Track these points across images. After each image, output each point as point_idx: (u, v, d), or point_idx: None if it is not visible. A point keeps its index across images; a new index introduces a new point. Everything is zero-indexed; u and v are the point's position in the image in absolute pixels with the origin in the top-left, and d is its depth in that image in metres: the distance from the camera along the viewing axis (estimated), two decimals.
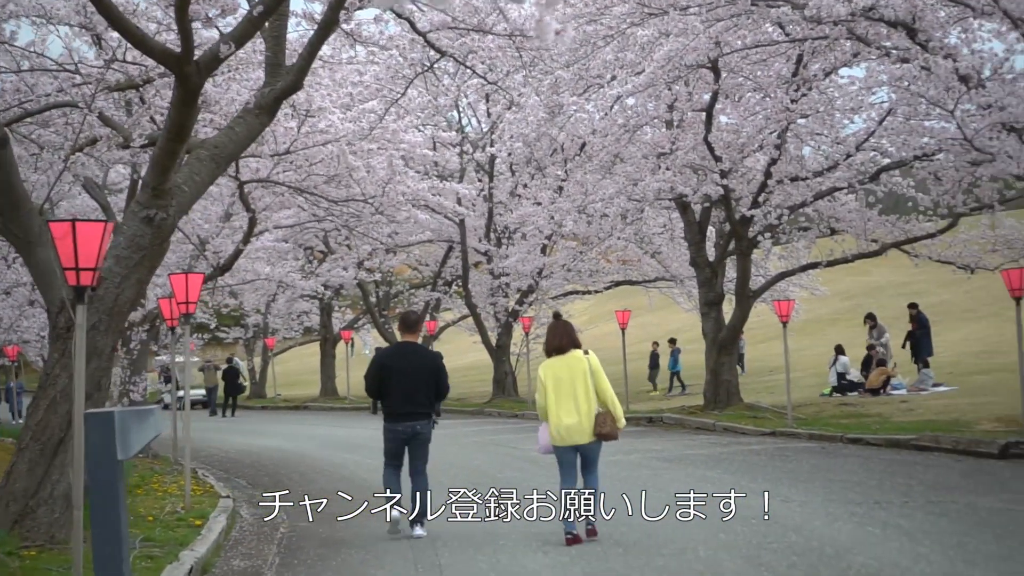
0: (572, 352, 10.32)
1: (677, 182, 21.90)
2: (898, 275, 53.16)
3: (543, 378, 10.29)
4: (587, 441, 10.19)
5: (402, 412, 11.01)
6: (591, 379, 10.18)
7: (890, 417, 21.05)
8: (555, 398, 10.14)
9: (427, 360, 11.35)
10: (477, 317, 35.31)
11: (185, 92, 9.51)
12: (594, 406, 10.14)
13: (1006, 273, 17.07)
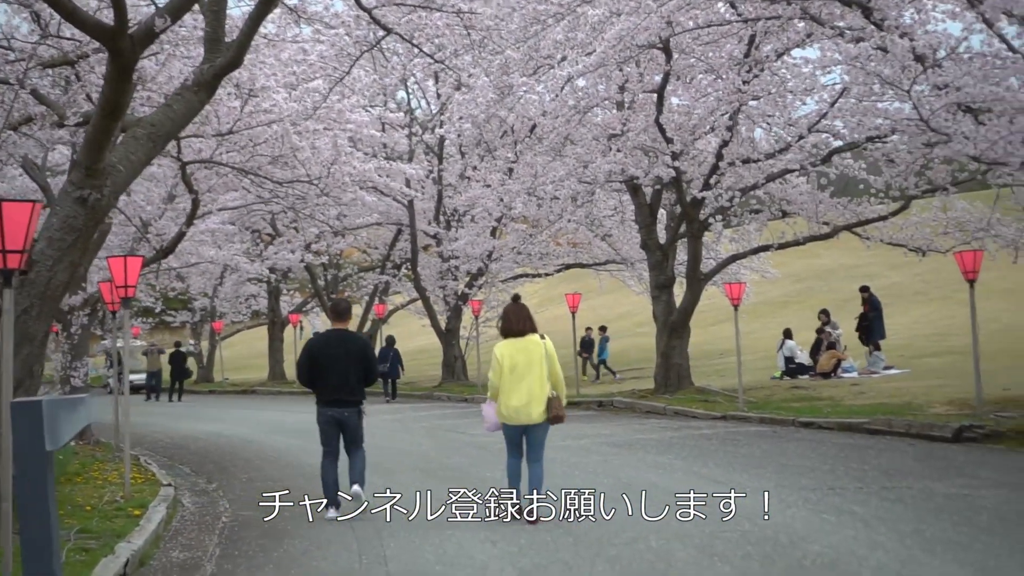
0: (530, 336, 10.52)
1: (628, 164, 21.65)
2: (849, 258, 53.32)
3: (500, 358, 10.44)
4: (538, 423, 10.42)
5: (333, 398, 11.38)
6: (546, 364, 10.40)
7: (842, 400, 20.95)
8: (510, 379, 10.35)
9: (356, 347, 11.65)
10: (426, 300, 34.98)
11: (119, 67, 9.14)
12: (547, 390, 10.39)
13: (959, 255, 16.95)
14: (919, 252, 24.91)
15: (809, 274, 54.26)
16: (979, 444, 14.70)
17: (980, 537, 8.63)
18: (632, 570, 8.17)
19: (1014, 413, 16.53)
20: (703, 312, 42.44)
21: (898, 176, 21.21)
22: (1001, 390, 19.47)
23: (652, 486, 11.89)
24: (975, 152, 14.05)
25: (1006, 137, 13.46)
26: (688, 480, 12.25)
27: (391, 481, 13.57)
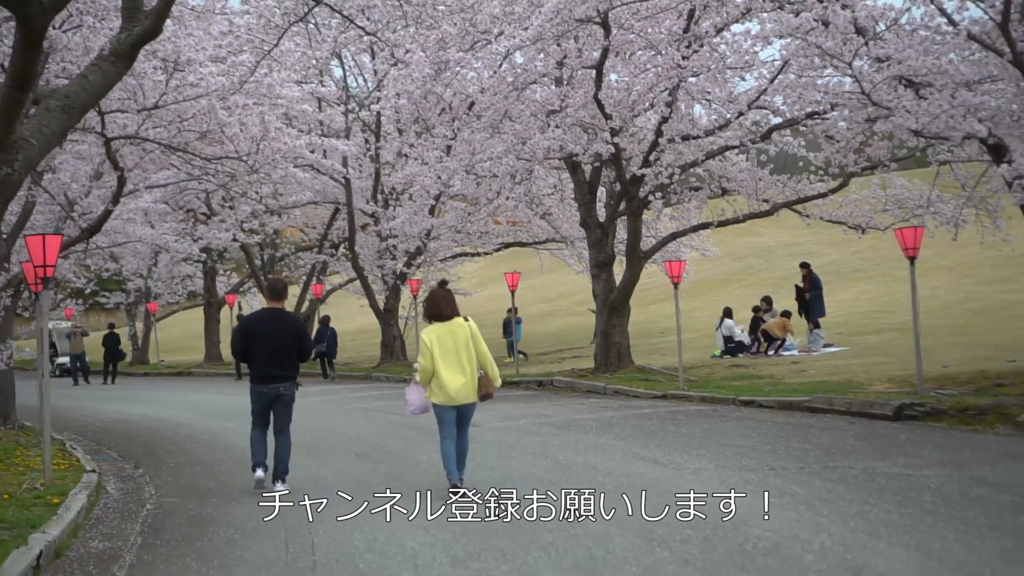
0: (455, 319, 10.90)
1: (567, 140, 21.33)
2: (788, 236, 53.56)
3: (428, 342, 10.78)
4: (470, 402, 10.92)
5: (267, 375, 11.60)
6: (473, 345, 10.84)
7: (782, 379, 20.83)
8: (441, 362, 10.71)
9: (290, 325, 11.89)
10: (364, 280, 34.54)
11: (27, 35, 8.69)
12: (476, 369, 10.86)
13: (900, 232, 16.80)
14: (858, 230, 24.86)
15: (749, 252, 54.37)
16: (920, 422, 14.57)
17: (924, 519, 8.43)
18: (568, 557, 7.89)
19: (954, 391, 16.45)
20: (643, 290, 42.44)
21: (837, 153, 21.11)
22: (940, 367, 19.42)
23: (590, 468, 11.65)
24: (917, 126, 13.89)
25: (948, 111, 13.32)
26: (627, 461, 12.01)
27: (324, 465, 13.27)
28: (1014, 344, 22.53)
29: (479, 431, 15.67)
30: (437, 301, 11.04)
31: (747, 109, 21.40)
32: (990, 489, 9.50)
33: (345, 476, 12.28)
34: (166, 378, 40.13)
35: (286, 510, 10.20)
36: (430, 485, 11.01)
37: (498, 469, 11.97)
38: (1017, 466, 10.67)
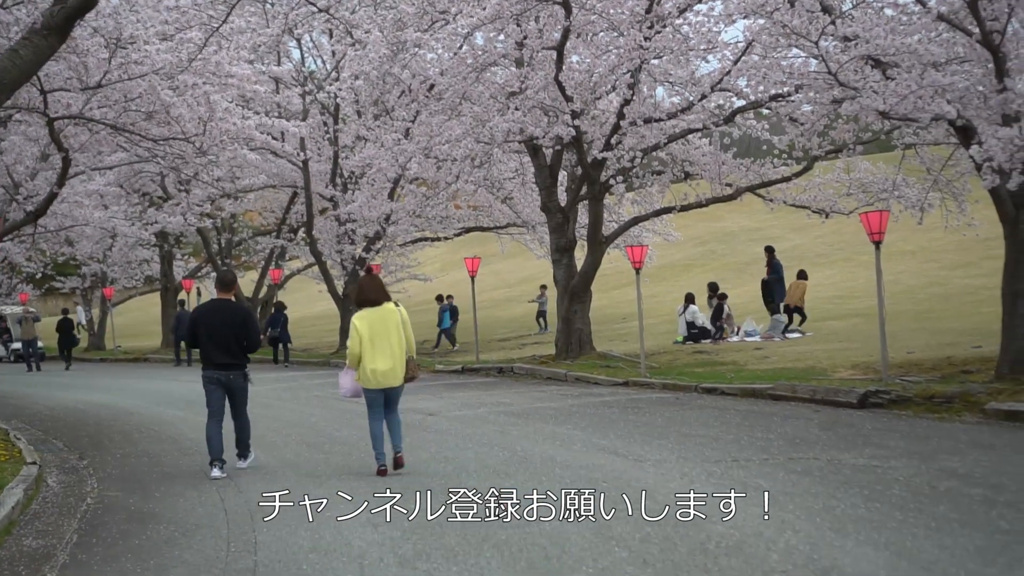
0: (385, 304, 11.25)
1: (527, 123, 20.89)
2: (751, 221, 53.37)
3: (359, 328, 11.09)
4: (398, 384, 11.29)
5: (217, 362, 11.95)
6: (402, 329, 11.22)
7: (745, 365, 20.56)
8: (370, 346, 11.08)
9: (238, 316, 12.17)
10: (323, 265, 34.04)
11: None
12: (404, 354, 11.24)
13: (865, 216, 16.49)
14: (822, 214, 24.64)
15: (712, 237, 54.15)
16: (885, 410, 14.29)
17: (893, 514, 8.09)
18: (522, 556, 7.49)
19: (919, 377, 16.20)
20: (605, 276, 42.15)
21: (802, 136, 20.80)
22: (905, 353, 19.22)
23: (548, 460, 11.27)
24: (884, 107, 13.55)
25: (916, 92, 12.98)
26: (586, 452, 11.64)
27: (275, 456, 12.85)
28: (978, 329, 22.33)
29: (436, 420, 15.38)
30: (365, 288, 11.45)
31: (710, 91, 21.06)
32: (960, 482, 9.18)
33: (296, 468, 11.85)
34: (122, 364, 39.50)
35: (231, 505, 9.82)
36: (386, 482, 10.60)
37: (453, 460, 11.56)
38: (986, 457, 10.35)
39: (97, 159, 21.40)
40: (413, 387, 21.29)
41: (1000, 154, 12.14)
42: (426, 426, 14.82)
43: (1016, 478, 9.27)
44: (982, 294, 30.36)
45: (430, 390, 20.63)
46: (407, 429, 14.09)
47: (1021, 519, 7.80)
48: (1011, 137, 12.02)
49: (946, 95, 13.30)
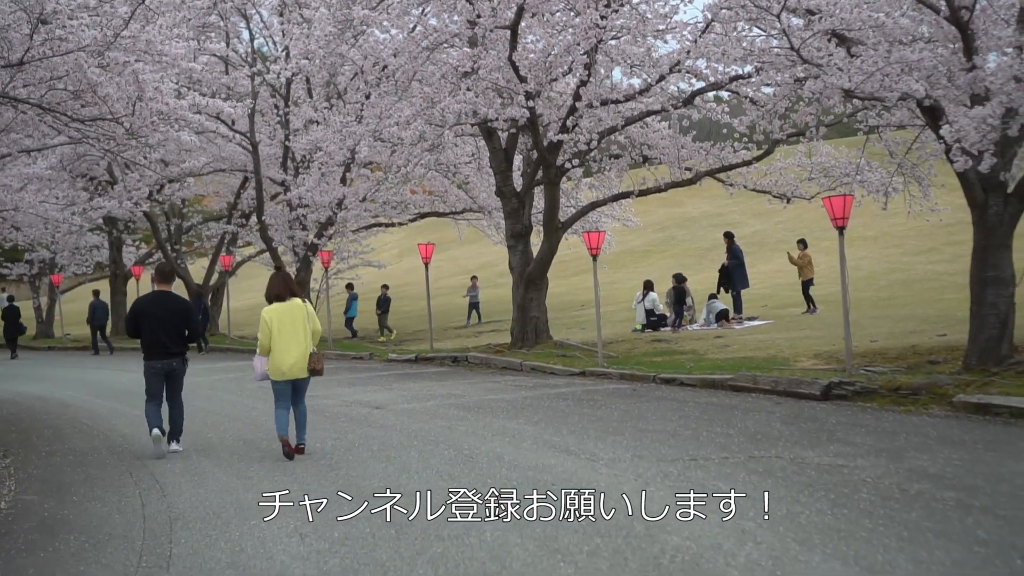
0: (292, 300, 11.87)
1: (479, 104, 20.15)
2: (712, 206, 52.99)
3: (268, 321, 11.69)
4: (304, 376, 11.88)
5: (158, 352, 12.53)
6: (308, 323, 11.83)
7: (705, 354, 20.02)
8: (279, 339, 11.67)
9: (178, 307, 12.82)
10: (273, 251, 33.26)
11: None
12: (309, 346, 11.81)
13: (828, 201, 15.91)
14: (783, 199, 24.09)
15: (672, 223, 53.70)
16: (850, 402, 13.73)
17: (862, 522, 7.48)
18: (458, 573, 6.84)
19: (884, 368, 15.71)
20: (564, 262, 41.62)
21: (763, 119, 20.25)
22: (868, 342, 18.77)
23: (496, 459, 10.62)
24: (849, 85, 12.92)
25: (883, 69, 12.38)
26: (537, 451, 10.99)
27: (208, 454, 12.17)
28: (941, 316, 21.91)
29: (383, 414, 14.77)
30: (276, 284, 12.02)
31: (668, 72, 20.43)
32: (931, 483, 8.58)
33: (228, 467, 11.17)
34: (69, 353, 38.51)
35: (151, 512, 9.14)
36: (321, 483, 9.93)
37: (395, 460, 10.89)
38: (957, 455, 9.76)
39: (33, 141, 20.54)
40: (363, 378, 20.80)
41: (972, 134, 11.55)
42: (372, 421, 14.16)
43: (990, 479, 8.68)
44: (945, 280, 30.05)
45: (381, 381, 19.99)
46: (353, 423, 13.66)
47: (999, 527, 7.19)
48: (983, 116, 11.44)
49: (914, 73, 12.70)
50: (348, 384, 19.70)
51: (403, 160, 21.52)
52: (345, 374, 22.11)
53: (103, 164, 34.45)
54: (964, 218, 15.91)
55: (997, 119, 11.57)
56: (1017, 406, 11.87)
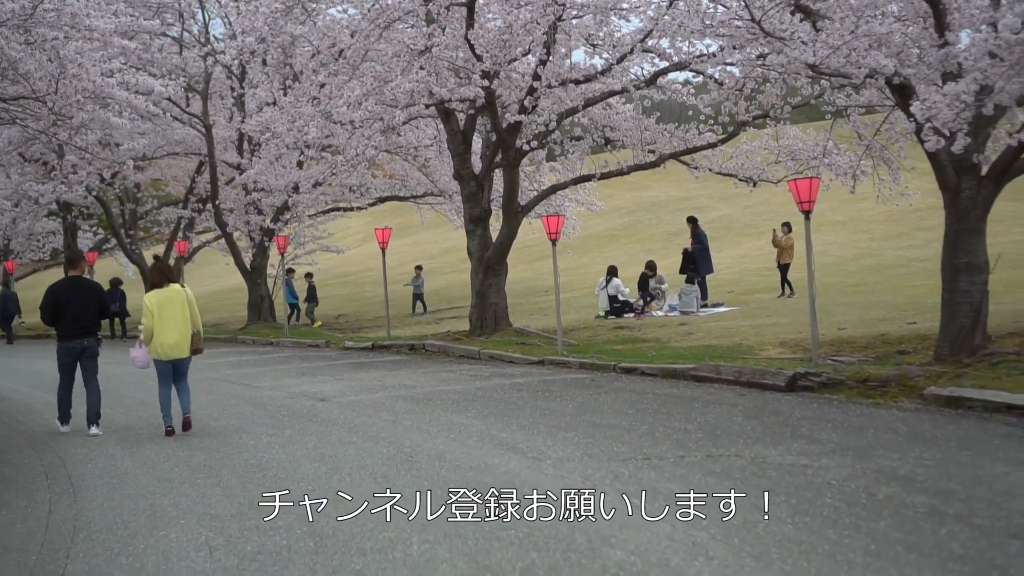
0: (172, 286, 12.79)
1: (432, 82, 19.33)
2: (678, 190, 52.44)
3: (150, 306, 12.61)
4: (184, 356, 12.83)
5: (74, 333, 13.27)
6: (187, 308, 12.79)
7: (668, 342, 19.39)
8: (160, 323, 12.58)
9: (91, 291, 13.58)
10: (228, 236, 32.41)
11: None
12: (189, 329, 12.80)
13: (793, 184, 15.23)
14: (749, 183, 23.47)
15: (638, 207, 53.08)
16: (816, 394, 13.10)
17: (825, 532, 6.79)
18: None
19: (851, 357, 15.09)
20: (529, 247, 41.02)
21: (728, 100, 19.62)
22: (836, 330, 18.20)
23: (437, 457, 9.91)
24: (814, 60, 12.23)
25: (849, 43, 11.69)
26: (481, 449, 10.29)
27: (132, 452, 11.41)
28: (911, 303, 21.37)
29: (327, 407, 14.13)
30: (155, 272, 13.03)
31: (630, 52, 19.73)
32: (901, 487, 7.92)
33: (152, 469, 10.40)
34: (22, 342, 37.52)
35: (56, 519, 8.40)
36: (245, 487, 9.21)
37: (328, 459, 10.16)
38: (929, 453, 9.10)
39: None
40: (314, 368, 20.06)
41: (945, 112, 10.87)
42: (314, 415, 13.43)
43: (965, 482, 8.01)
44: (915, 266, 29.56)
45: (332, 371, 19.28)
46: (293, 417, 13.05)
47: (976, 540, 6.51)
48: (957, 93, 10.77)
49: (883, 49, 12.02)
50: (297, 374, 18.97)
51: (356, 142, 20.67)
52: (297, 363, 21.39)
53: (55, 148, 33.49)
54: (935, 202, 15.33)
55: (971, 95, 10.90)
56: (992, 400, 11.24)
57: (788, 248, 26.53)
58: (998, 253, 14.97)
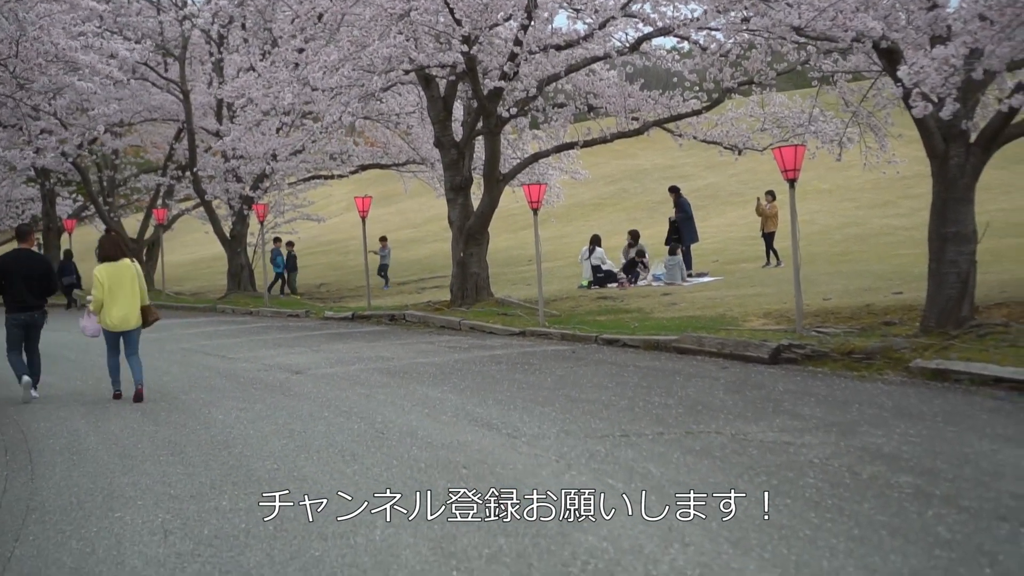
0: (122, 260, 13.21)
1: (409, 47, 18.90)
2: (664, 158, 52.07)
3: (100, 279, 13.00)
4: (131, 328, 13.19)
5: (22, 305, 13.42)
6: (137, 281, 13.21)
7: (651, 313, 19.11)
8: (110, 295, 12.99)
9: (39, 264, 13.83)
10: (207, 204, 32.02)
11: None
12: (139, 302, 13.22)
13: (778, 152, 14.90)
14: (735, 150, 23.16)
15: (623, 175, 52.67)
16: (799, 367, 12.84)
17: (807, 516, 6.49)
18: None
19: (836, 328, 14.80)
20: (513, 215, 40.67)
21: (713, 66, 19.28)
22: (821, 300, 17.93)
23: (408, 435, 9.60)
24: (799, 22, 11.88)
25: (836, 4, 11.34)
26: (455, 425, 9.98)
27: (97, 428, 11.07)
28: (897, 272, 21.12)
29: (301, 380, 13.84)
30: (105, 245, 13.45)
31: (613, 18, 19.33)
32: (886, 465, 7.63)
33: (112, 446, 10.06)
34: None
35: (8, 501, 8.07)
36: (208, 466, 8.90)
37: (298, 436, 9.84)
38: (915, 429, 8.82)
39: None
40: (291, 339, 19.72)
41: (933, 76, 10.53)
42: (287, 388, 13.11)
43: (952, 460, 7.73)
44: (901, 235, 29.29)
45: (310, 341, 18.95)
46: (266, 391, 12.78)
47: (963, 523, 6.22)
48: (946, 56, 10.43)
49: (870, 11, 11.67)
50: (274, 345, 18.64)
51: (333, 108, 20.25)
52: (275, 333, 21.05)
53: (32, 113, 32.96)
54: (922, 170, 15.03)
55: (960, 59, 10.57)
56: (978, 372, 10.97)
57: (772, 217, 26.26)
58: (986, 222, 14.69)
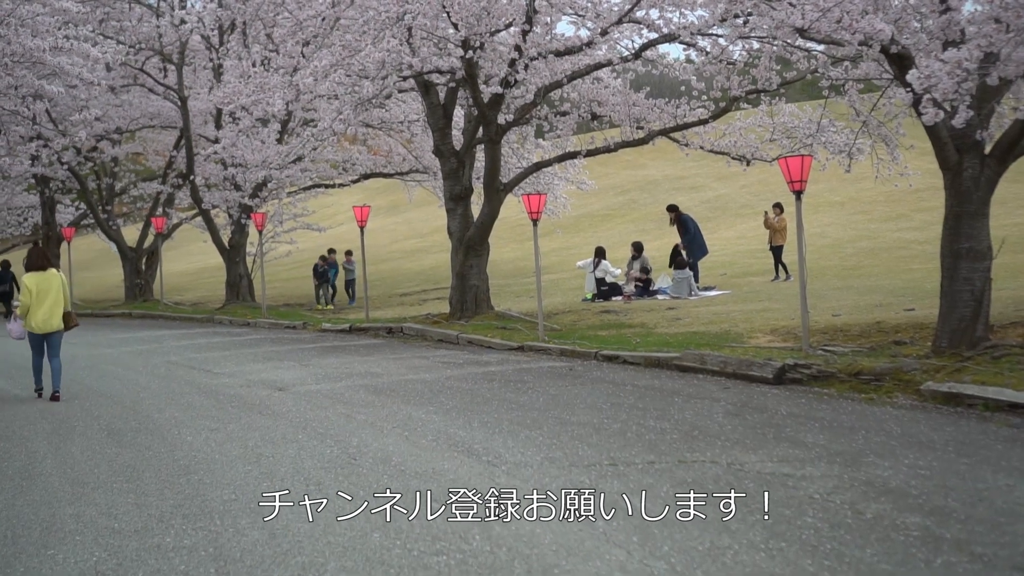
0: (49, 270, 14.39)
1: (403, 53, 18.29)
2: (674, 168, 51.44)
3: (28, 286, 14.12)
4: (57, 330, 14.42)
5: None
6: (62, 290, 14.38)
7: (654, 328, 18.49)
8: (36, 301, 14.14)
9: None
10: (205, 213, 31.47)
11: None
12: (62, 308, 14.43)
13: (784, 162, 14.30)
14: (743, 161, 22.54)
15: (633, 185, 52.03)
16: (805, 387, 12.20)
17: (803, 564, 5.85)
18: None
19: (845, 346, 14.15)
20: (520, 226, 40.15)
21: (719, 74, 18.69)
22: (830, 316, 17.30)
23: (383, 460, 8.99)
24: (803, 23, 11.23)
25: (842, 5, 10.71)
26: (434, 450, 9.36)
27: (60, 447, 10.46)
28: (909, 288, 20.46)
29: (282, 397, 13.28)
30: (33, 256, 14.42)
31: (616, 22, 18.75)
32: (892, 503, 6.99)
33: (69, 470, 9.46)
34: None
35: None
36: (163, 495, 8.30)
37: (265, 461, 9.23)
38: (924, 460, 8.18)
39: None
40: (283, 352, 19.11)
41: (945, 81, 9.90)
42: (266, 407, 12.51)
43: (964, 498, 7.08)
44: (914, 249, 28.65)
45: (300, 355, 18.38)
46: (243, 409, 12.25)
47: (976, 574, 5.59)
48: (959, 60, 9.79)
49: (879, 13, 11.04)
50: (263, 359, 18.06)
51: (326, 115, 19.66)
52: (267, 347, 20.48)
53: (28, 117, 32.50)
54: (936, 183, 14.39)
55: (974, 63, 9.92)
56: (993, 397, 10.31)
57: (781, 230, 25.64)
58: (1002, 237, 14.07)
